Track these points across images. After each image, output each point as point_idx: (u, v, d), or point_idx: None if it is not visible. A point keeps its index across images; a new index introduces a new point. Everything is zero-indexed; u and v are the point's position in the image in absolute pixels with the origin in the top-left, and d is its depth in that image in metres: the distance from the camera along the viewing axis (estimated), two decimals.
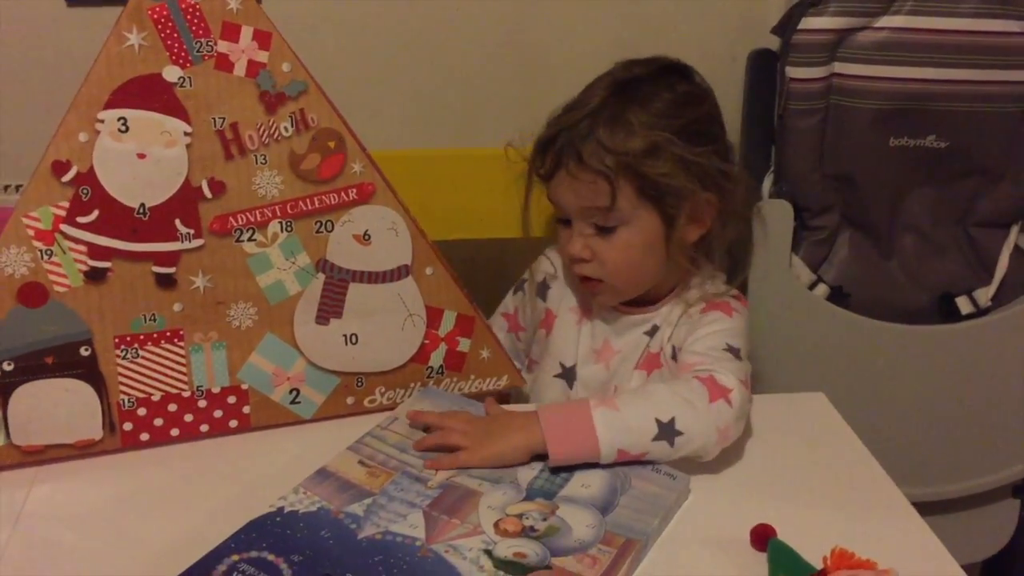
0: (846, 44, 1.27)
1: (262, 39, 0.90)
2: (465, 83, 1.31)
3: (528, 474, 0.88)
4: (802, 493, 0.90)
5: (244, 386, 0.96)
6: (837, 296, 1.37)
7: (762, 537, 0.80)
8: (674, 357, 1.05)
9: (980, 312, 1.38)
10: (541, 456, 0.89)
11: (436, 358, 1.03)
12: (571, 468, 0.88)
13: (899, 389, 1.38)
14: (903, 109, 1.29)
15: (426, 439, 0.91)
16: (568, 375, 1.10)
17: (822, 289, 1.38)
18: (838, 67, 1.28)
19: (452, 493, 0.85)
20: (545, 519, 0.82)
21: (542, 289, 1.14)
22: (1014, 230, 1.38)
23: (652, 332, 1.07)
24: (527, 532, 0.81)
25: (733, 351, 0.98)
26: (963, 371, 1.38)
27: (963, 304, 1.38)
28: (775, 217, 1.31)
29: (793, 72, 1.28)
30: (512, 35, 1.30)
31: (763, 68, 1.34)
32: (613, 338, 1.09)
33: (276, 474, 0.88)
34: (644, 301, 1.07)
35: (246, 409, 0.97)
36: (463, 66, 1.31)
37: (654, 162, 0.97)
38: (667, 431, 0.89)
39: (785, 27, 1.28)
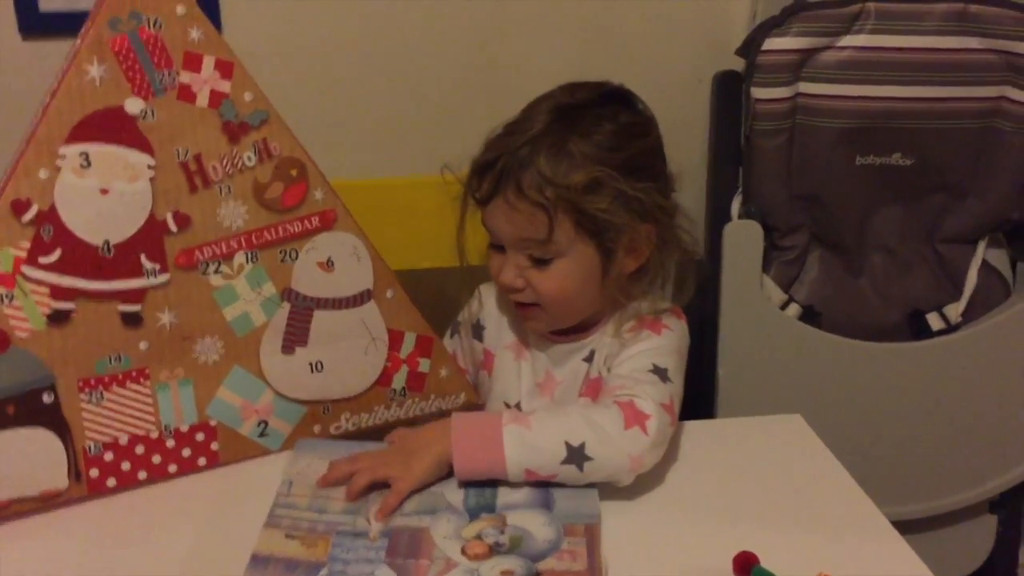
0: (810, 64, 1.28)
1: (224, 69, 0.90)
2: (429, 110, 1.31)
3: (457, 496, 0.87)
4: (783, 518, 0.89)
5: (213, 422, 0.95)
6: (809, 316, 1.38)
7: (745, 565, 0.78)
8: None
9: (951, 328, 1.40)
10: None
11: (398, 380, 1.03)
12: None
13: (873, 407, 1.39)
14: (868, 127, 1.30)
15: (355, 482, 0.88)
16: None
17: (794, 309, 1.38)
18: (803, 87, 1.29)
19: (401, 537, 0.83)
20: (503, 532, 0.82)
21: (477, 330, 1.13)
22: (981, 245, 1.40)
23: (590, 358, 1.06)
24: (497, 549, 0.80)
25: (659, 372, 0.96)
26: (936, 388, 1.39)
27: (934, 320, 1.40)
28: (744, 238, 1.32)
29: (758, 93, 1.29)
30: (476, 59, 1.31)
31: (729, 89, 1.35)
32: (554, 369, 1.08)
33: (248, 511, 0.86)
34: (579, 328, 1.06)
35: (215, 446, 0.96)
36: (427, 92, 1.31)
37: (594, 198, 0.95)
38: (576, 456, 0.88)
39: (749, 48, 1.29)
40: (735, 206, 1.36)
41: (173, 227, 0.90)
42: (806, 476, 0.96)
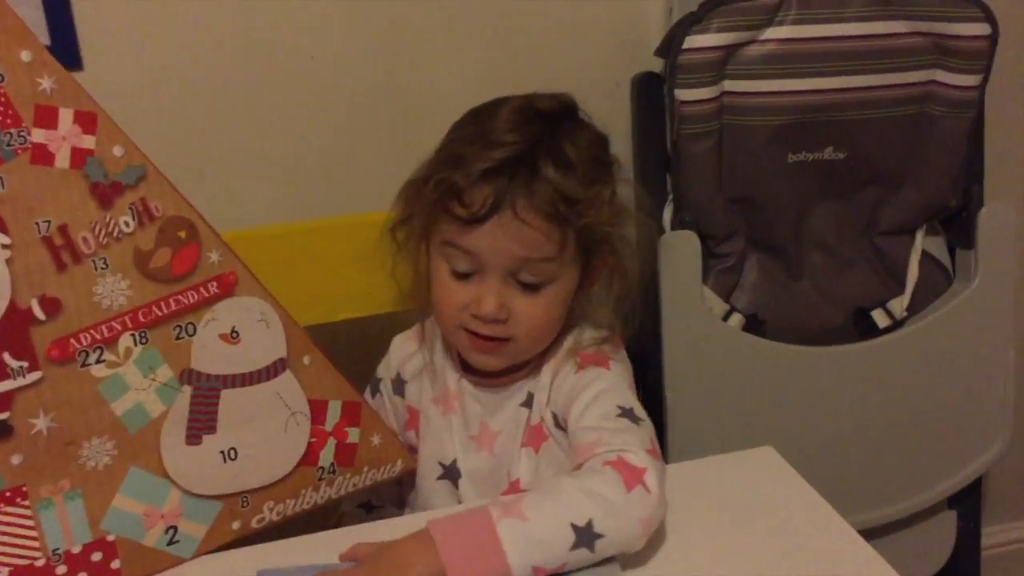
0: (734, 60, 1.20)
1: (85, 121, 0.76)
2: (329, 142, 1.18)
3: None
4: (772, 559, 0.81)
5: (111, 537, 0.81)
6: (752, 324, 1.31)
7: None
8: (558, 425, 0.94)
9: (897, 324, 1.34)
10: None
11: (326, 456, 0.91)
12: None
13: (824, 414, 1.32)
14: (798, 123, 1.23)
15: None
16: (451, 473, 0.98)
17: (736, 319, 1.31)
18: (728, 85, 1.21)
19: None
20: None
21: (399, 386, 1.02)
22: (919, 236, 1.34)
23: (528, 402, 0.96)
24: None
25: (627, 414, 0.87)
26: (887, 387, 1.33)
27: (879, 317, 1.34)
28: (681, 249, 1.23)
29: (682, 94, 1.20)
30: (378, 80, 1.18)
31: (650, 92, 1.26)
32: (489, 419, 0.97)
33: None
34: (511, 368, 0.95)
35: (115, 564, 0.81)
36: (324, 124, 1.17)
37: (598, 210, 0.87)
38: (585, 536, 0.76)
39: (669, 48, 1.20)
40: (666, 215, 1.28)
41: (40, 315, 0.76)
42: (787, 512, 0.88)
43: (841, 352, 1.30)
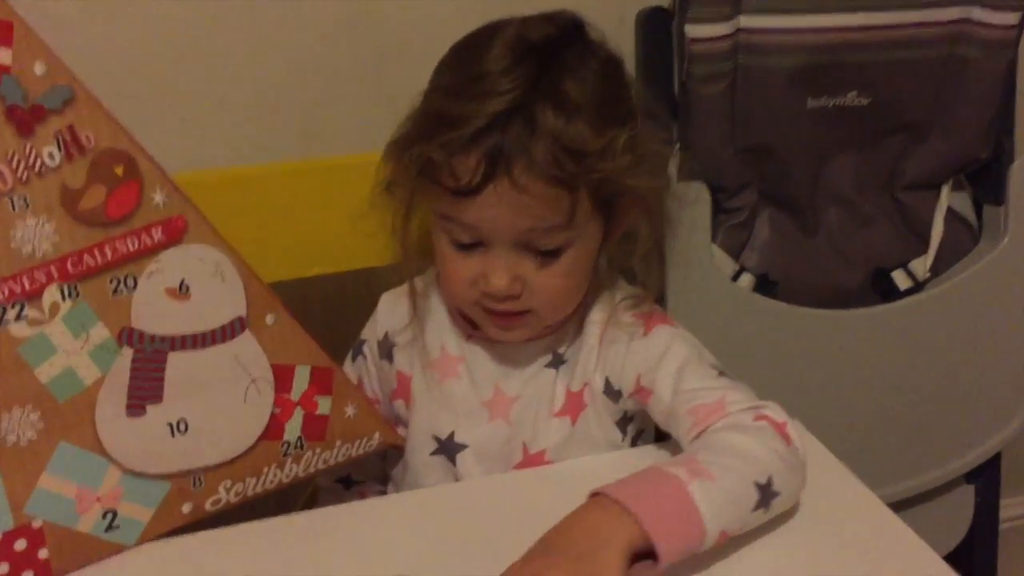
0: None
1: (1, 32, 0.64)
2: (297, 78, 1.04)
3: None
4: (793, 528, 0.73)
5: (36, 523, 0.70)
6: (764, 285, 1.22)
7: None
8: (607, 392, 0.84)
9: (919, 285, 1.25)
10: None
11: (292, 429, 0.80)
12: None
13: (841, 381, 1.23)
14: (820, 64, 1.13)
15: None
16: (447, 448, 0.87)
17: (747, 279, 1.22)
18: (744, 21, 1.10)
19: None
20: None
21: (386, 349, 0.90)
22: (945, 191, 1.25)
23: (556, 364, 0.86)
24: None
25: (723, 373, 0.81)
26: (908, 353, 1.24)
27: (900, 279, 1.26)
28: (690, 202, 1.13)
29: (693, 31, 1.09)
30: (351, 9, 1.05)
31: (657, 29, 1.15)
32: (505, 382, 0.86)
33: None
34: None
35: (43, 553, 0.70)
36: (292, 55, 1.04)
37: (614, 159, 0.75)
38: (766, 495, 0.69)
39: None
40: (672, 166, 1.17)
41: None
42: (819, 488, 0.78)
43: (858, 316, 1.22)
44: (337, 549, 0.74)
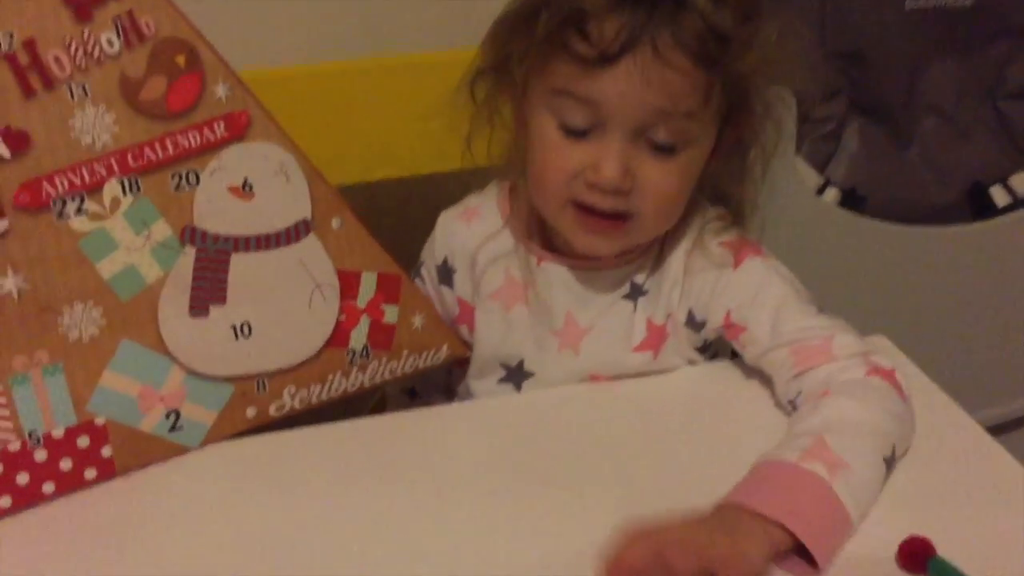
0: None
1: None
2: None
3: None
4: (920, 483, 0.68)
5: (99, 420, 0.69)
6: (850, 200, 1.19)
7: (917, 555, 0.58)
8: (691, 325, 0.80)
9: (1018, 202, 1.21)
10: None
11: (358, 337, 0.78)
12: None
13: (931, 302, 1.20)
14: None
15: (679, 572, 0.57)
16: (514, 376, 0.84)
17: (832, 193, 1.19)
18: None
19: None
20: None
21: (445, 275, 0.86)
22: None
23: (635, 295, 0.81)
24: None
25: (820, 309, 0.76)
26: (1002, 274, 1.21)
27: (998, 195, 1.23)
28: (775, 110, 1.07)
29: None
30: None
31: None
32: (578, 310, 0.81)
33: (166, 538, 0.63)
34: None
35: (106, 451, 0.69)
36: None
37: (750, 54, 0.70)
38: (890, 465, 0.67)
39: None
40: None
41: (4, 151, 0.62)
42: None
43: (952, 233, 1.19)
44: (402, 455, 0.73)
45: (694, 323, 0.80)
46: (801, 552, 0.60)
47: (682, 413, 0.78)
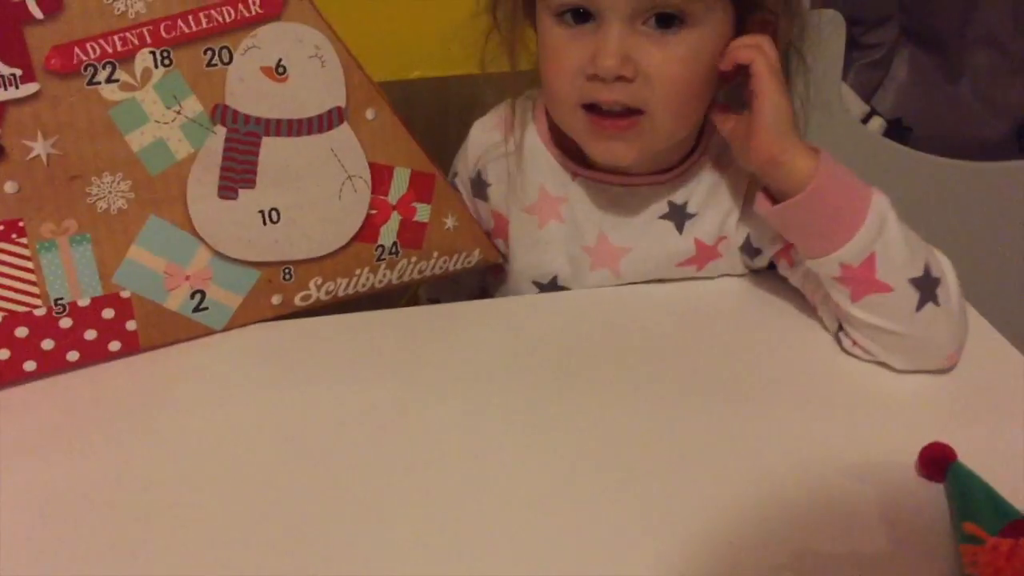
0: None
1: None
2: None
3: None
4: (946, 397, 0.67)
5: (124, 293, 0.69)
6: (896, 130, 1.16)
7: (937, 462, 0.57)
8: (747, 250, 0.78)
9: None
10: None
11: (387, 234, 0.77)
12: None
13: (975, 239, 1.16)
14: None
15: None
16: (550, 291, 0.83)
17: (877, 123, 1.15)
18: None
19: None
20: None
21: (479, 187, 0.84)
22: None
23: (675, 216, 0.78)
24: None
25: None
26: None
27: None
28: (822, 31, 1.03)
29: None
30: None
31: None
32: (612, 230, 0.79)
33: (189, 418, 0.63)
34: (651, 166, 0.78)
35: (131, 325, 0.69)
36: None
37: None
38: (929, 287, 0.68)
39: None
40: None
41: (37, 11, 0.61)
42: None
43: (1000, 169, 1.14)
44: (429, 346, 0.72)
45: (750, 249, 0.78)
46: None
47: (722, 319, 0.76)
